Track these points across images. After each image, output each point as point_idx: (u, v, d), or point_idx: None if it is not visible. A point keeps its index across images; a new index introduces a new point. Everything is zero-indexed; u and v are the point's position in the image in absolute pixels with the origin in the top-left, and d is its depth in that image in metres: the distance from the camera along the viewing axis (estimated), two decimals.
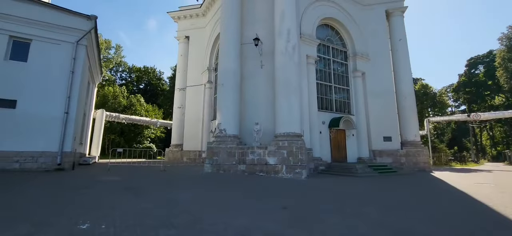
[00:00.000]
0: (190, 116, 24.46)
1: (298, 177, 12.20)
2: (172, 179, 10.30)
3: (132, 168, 14.47)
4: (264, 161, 12.97)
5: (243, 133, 14.91)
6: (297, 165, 12.43)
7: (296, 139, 12.94)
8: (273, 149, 12.94)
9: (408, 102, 20.63)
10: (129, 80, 56.58)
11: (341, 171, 15.26)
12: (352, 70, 20.39)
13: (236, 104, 14.62)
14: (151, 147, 30.25)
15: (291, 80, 13.68)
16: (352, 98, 20.18)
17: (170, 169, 14.66)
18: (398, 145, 20.12)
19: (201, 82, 24.72)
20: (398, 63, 21.29)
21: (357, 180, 12.33)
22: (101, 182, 9.13)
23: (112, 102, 29.59)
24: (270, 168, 12.81)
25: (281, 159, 12.71)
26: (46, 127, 11.89)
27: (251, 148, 13.37)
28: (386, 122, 20.12)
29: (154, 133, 33.74)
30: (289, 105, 13.41)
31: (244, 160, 13.28)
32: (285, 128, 13.26)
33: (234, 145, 13.55)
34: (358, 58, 20.26)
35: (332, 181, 11.62)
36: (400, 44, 21.45)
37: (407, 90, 20.84)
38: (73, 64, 12.81)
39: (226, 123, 14.11)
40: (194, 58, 25.98)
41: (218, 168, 13.42)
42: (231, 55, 15.07)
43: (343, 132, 19.11)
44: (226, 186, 9.08)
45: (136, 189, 7.70)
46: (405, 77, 21.06)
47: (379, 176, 14.32)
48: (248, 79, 15.79)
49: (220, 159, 13.49)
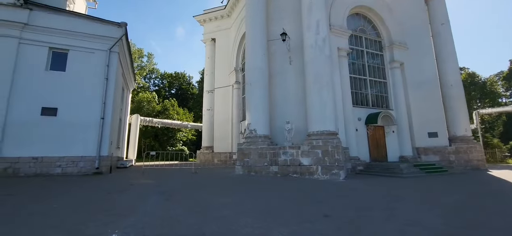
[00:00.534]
0: (219, 118, 24.46)
1: (336, 179, 11.29)
2: (203, 182, 10.05)
3: (164, 171, 14.63)
4: (298, 161, 12.25)
5: (274, 133, 14.33)
6: (334, 165, 11.52)
7: (331, 138, 12.04)
8: (307, 149, 12.17)
9: (455, 92, 18.50)
10: (161, 86, 59.19)
11: (382, 171, 13.98)
12: (389, 60, 18.77)
13: (265, 103, 14.08)
14: (183, 150, 31.00)
15: (323, 75, 12.80)
16: (390, 91, 18.57)
17: (201, 171, 14.57)
18: (446, 141, 18.08)
19: (228, 83, 24.63)
20: (441, 49, 19.23)
21: (403, 181, 11.09)
22: (135, 185, 9.13)
23: (147, 108, 30.86)
24: (304, 169, 12.05)
25: (315, 160, 11.89)
26: (84, 133, 12.39)
27: (283, 148, 12.73)
28: (430, 116, 18.21)
29: (186, 135, 34.61)
30: (321, 101, 12.54)
31: (276, 161, 12.68)
32: (318, 126, 12.42)
33: (265, 146, 13.02)
34: (395, 47, 18.60)
35: (374, 182, 10.55)
36: (442, 28, 19.37)
37: (453, 78, 18.73)
38: (107, 71, 13.24)
39: (256, 123, 13.63)
40: (221, 60, 26.00)
41: (249, 170, 12.98)
42: (258, 52, 14.59)
43: (381, 129, 17.63)
44: (259, 189, 8.55)
45: (168, 193, 7.49)
46: (450, 64, 18.95)
47: (427, 176, 12.83)
48: (276, 77, 15.18)
49: (251, 160, 13.04)
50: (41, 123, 11.94)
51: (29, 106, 11.92)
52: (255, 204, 6.20)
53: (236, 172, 13.18)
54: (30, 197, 6.92)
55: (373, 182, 10.42)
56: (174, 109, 33.23)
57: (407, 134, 17.79)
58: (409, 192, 7.96)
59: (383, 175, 13.19)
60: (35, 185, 8.75)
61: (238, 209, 5.61)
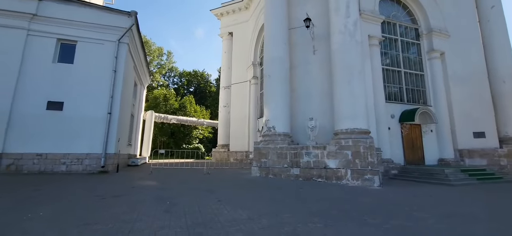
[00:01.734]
0: (235, 115, 23.25)
1: (369, 185, 9.56)
2: (215, 186, 8.75)
3: (175, 171, 13.55)
4: (323, 164, 10.63)
5: (295, 130, 12.78)
6: (367, 169, 9.79)
7: (363, 137, 10.29)
8: (334, 149, 10.51)
9: (508, 87, 15.87)
10: (180, 84, 59.43)
11: (421, 177, 11.97)
12: (427, 50, 16.50)
13: (286, 98, 12.56)
14: (199, 148, 30.16)
15: (354, 63, 11.05)
16: (428, 85, 16.30)
17: (214, 172, 13.34)
18: (495, 142, 15.56)
19: (246, 79, 23.33)
20: (490, 37, 16.62)
21: (453, 191, 9.14)
22: (136, 188, 8.02)
23: (164, 104, 30.35)
24: (330, 172, 10.41)
25: (344, 162, 10.22)
26: (90, 129, 11.58)
27: (305, 148, 11.16)
28: (476, 114, 15.77)
29: (202, 133, 33.76)
30: (352, 94, 10.81)
31: (297, 163, 11.14)
32: (347, 123, 10.71)
33: (285, 145, 11.52)
34: (435, 34, 16.29)
35: (419, 192, 8.71)
36: (492, 12, 16.74)
37: (505, 72, 16.07)
38: (115, 63, 12.36)
39: (275, 120, 12.15)
40: (238, 54, 24.75)
41: (267, 172, 11.54)
42: (278, 41, 13.07)
43: (418, 128, 15.48)
44: (280, 199, 7.10)
45: (170, 200, 6.25)
46: (502, 55, 16.30)
47: (480, 184, 10.70)
48: (298, 68, 13.59)
49: (269, 161, 11.59)
50: (46, 118, 11.25)
51: (34, 100, 11.27)
52: (276, 220, 4.76)
53: (252, 174, 11.79)
54: (16, 201, 5.96)
55: (417, 192, 8.59)
56: (192, 106, 32.44)
57: (448, 134, 15.49)
58: (468, 207, 6.15)
59: (424, 181, 11.22)
60: (29, 185, 7.89)
61: (253, 229, 4.21)
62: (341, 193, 8.06)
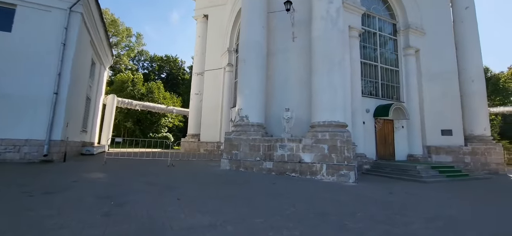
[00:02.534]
0: (208, 103, 21.99)
1: (344, 181, 9.09)
2: (176, 181, 7.68)
3: (134, 162, 12.14)
4: (298, 157, 9.98)
5: (270, 121, 12.00)
6: (343, 165, 9.30)
7: (341, 130, 9.78)
8: (310, 142, 9.89)
9: (476, 87, 16.43)
10: (151, 69, 56.25)
11: (394, 172, 11.87)
12: (403, 46, 16.52)
13: (261, 85, 11.68)
14: (168, 137, 28.35)
15: (335, 53, 10.43)
16: (402, 82, 16.39)
17: (180, 164, 12.17)
18: (461, 140, 16.12)
19: (220, 66, 22.06)
20: (463, 37, 17.03)
21: (426, 187, 8.99)
22: (79, 182, 6.70)
23: (131, 89, 27.92)
24: (305, 167, 9.80)
25: (320, 156, 9.65)
26: (32, 111, 9.80)
27: (280, 141, 10.43)
28: (445, 112, 16.17)
29: (172, 122, 31.82)
30: (331, 85, 10.21)
31: (270, 156, 10.39)
32: (325, 115, 10.13)
33: (258, 136, 10.69)
34: (411, 31, 16.32)
35: (393, 189, 8.38)
36: (466, 13, 17.14)
37: (475, 72, 16.62)
38: (65, 35, 10.54)
39: (249, 108, 11.24)
40: (214, 39, 23.32)
41: (238, 165, 10.66)
42: (256, 24, 12.08)
43: (391, 123, 15.52)
44: (251, 197, 6.27)
45: (117, 199, 5.13)
46: (473, 56, 16.81)
47: (451, 181, 10.78)
48: (276, 56, 12.75)
49: (241, 153, 10.70)
50: None
51: None
52: (245, 228, 3.89)
53: (221, 167, 10.84)
54: None
55: (393, 189, 8.24)
56: (160, 92, 30.26)
57: (418, 131, 15.73)
58: (457, 213, 5.80)
59: (397, 177, 11.07)
60: None
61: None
62: (317, 190, 7.43)
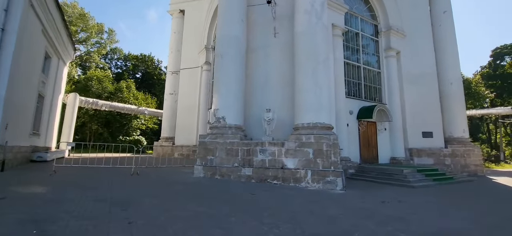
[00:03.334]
0: (183, 104, 20.49)
1: (331, 189, 8.24)
2: (136, 195, 6.37)
3: (92, 170, 10.48)
4: (280, 163, 9.01)
5: (249, 123, 10.95)
6: (329, 170, 8.46)
7: (327, 133, 8.96)
8: (293, 146, 8.97)
9: (454, 89, 16.54)
10: (125, 69, 53.40)
11: (380, 177, 11.27)
12: (385, 48, 16.23)
13: (240, 84, 10.60)
14: (140, 141, 26.29)
15: (320, 49, 9.63)
16: (384, 83, 16.08)
17: (147, 172, 10.73)
18: (441, 142, 16.10)
19: (197, 64, 20.67)
20: (441, 40, 17.13)
21: (416, 193, 8.39)
22: (5, 200, 5.21)
23: (97, 88, 25.52)
24: (288, 173, 8.85)
25: (304, 162, 8.75)
26: None
27: (260, 144, 9.40)
28: (425, 114, 16.07)
29: (145, 124, 29.67)
30: (316, 84, 9.37)
31: (250, 161, 9.32)
32: (309, 116, 9.26)
33: (236, 140, 9.59)
34: (392, 33, 16.07)
35: (384, 196, 7.65)
36: (444, 17, 17.28)
37: (453, 74, 16.75)
38: (4, 18, 8.80)
39: (226, 109, 10.11)
40: (190, 36, 21.86)
41: (214, 172, 9.47)
42: (234, 17, 11.01)
43: (374, 126, 15.10)
44: (224, 214, 5.16)
45: (46, 223, 3.80)
46: (451, 58, 16.94)
47: (438, 185, 10.35)
48: (256, 52, 11.75)
49: (217, 159, 9.53)
50: None
51: None
52: None
53: (194, 175, 9.58)
54: None
55: (384, 196, 7.51)
56: (131, 91, 28.05)
57: (400, 133, 15.45)
58: (462, 223, 5.10)
59: (384, 182, 10.47)
60: None
61: None
62: (303, 202, 6.48)
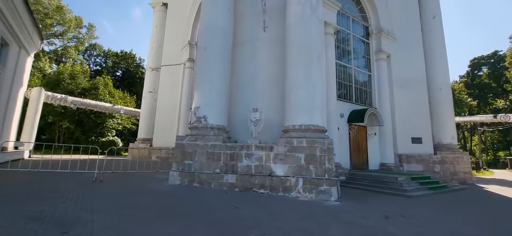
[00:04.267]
0: (163, 103, 19.09)
1: (325, 200, 7.32)
2: (90, 210, 5.11)
3: (48, 175, 8.97)
4: (268, 169, 7.99)
5: (234, 124, 9.88)
6: (323, 178, 7.53)
7: (321, 136, 8.06)
8: (283, 150, 7.98)
9: (443, 95, 16.30)
10: (104, 66, 50.88)
11: (373, 185, 10.51)
12: (375, 50, 15.75)
13: (225, 80, 9.52)
14: (115, 142, 24.26)
15: (314, 44, 8.74)
16: (374, 87, 15.56)
17: (114, 178, 9.34)
18: (431, 149, 15.75)
19: (180, 61, 19.36)
20: (431, 46, 16.91)
21: (416, 204, 7.66)
22: None
23: (68, 83, 23.32)
24: (276, 182, 7.84)
25: (295, 168, 7.78)
26: None
27: (245, 148, 8.34)
28: (415, 120, 15.68)
29: (122, 123, 27.60)
30: (309, 82, 8.46)
31: (234, 167, 8.23)
32: (301, 117, 8.32)
33: (218, 143, 8.47)
34: (383, 36, 15.63)
35: (384, 209, 6.83)
36: (433, 22, 17.11)
37: (442, 80, 16.53)
38: None
39: (208, 107, 8.97)
40: (173, 31, 20.53)
41: (192, 179, 8.28)
42: (221, 5, 9.94)
43: (364, 130, 14.48)
44: None
45: None
46: (440, 65, 16.73)
47: (434, 194, 9.72)
48: (243, 47, 10.73)
49: (196, 164, 8.36)
50: None
51: None
52: None
53: (169, 182, 8.34)
54: None
55: (385, 209, 6.67)
56: (107, 88, 25.97)
57: (390, 139, 14.94)
58: None
59: (379, 191, 9.70)
60: None
61: None
62: (296, 216, 5.49)
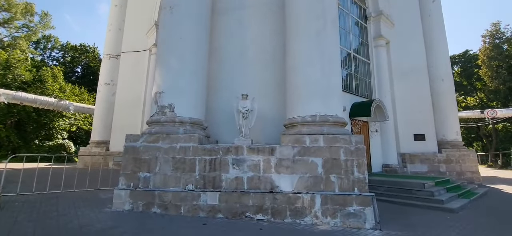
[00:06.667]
0: (124, 98, 15.63)
1: (357, 228, 4.81)
2: None
3: None
4: (268, 183, 5.30)
5: (214, 118, 7.08)
6: (352, 194, 5.02)
7: (343, 132, 5.56)
8: (289, 153, 5.34)
9: (446, 86, 14.71)
10: (62, 61, 45.45)
11: (395, 194, 8.20)
12: (374, 36, 13.76)
13: (201, 54, 6.67)
14: (66, 146, 19.95)
15: (326, 4, 6.24)
16: (373, 76, 13.58)
17: (27, 202, 6.10)
18: (434, 146, 14.06)
19: (145, 47, 16.04)
20: (430, 33, 15.28)
21: (467, 220, 5.44)
22: None
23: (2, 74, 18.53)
24: (282, 201, 5.18)
25: (309, 180, 5.18)
26: None
27: (233, 151, 5.57)
28: (417, 114, 13.91)
29: (76, 124, 23.09)
30: (323, 55, 5.92)
31: (216, 181, 5.43)
32: (314, 106, 5.73)
33: (192, 144, 5.60)
34: (383, 19, 13.70)
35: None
36: (433, 7, 15.55)
37: (443, 70, 14.94)
38: None
39: (176, 92, 6.07)
40: (137, 10, 17.13)
41: (150, 201, 5.34)
42: None
43: (366, 126, 12.40)
44: None
45: None
46: (441, 53, 15.17)
47: (469, 202, 7.67)
48: (226, 16, 7.97)
49: (156, 177, 5.42)
50: None
51: None
52: None
53: (113, 207, 5.31)
54: None
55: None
56: (57, 82, 21.49)
57: (392, 136, 12.99)
58: None
59: (404, 202, 7.45)
60: None
61: None
62: None
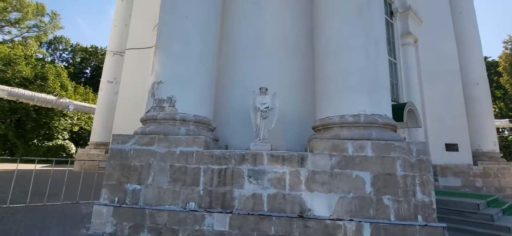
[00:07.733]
0: (126, 97, 14.64)
1: None
2: None
3: None
4: (297, 203, 3.96)
5: (223, 117, 5.82)
6: (414, 225, 3.65)
7: (396, 138, 4.23)
8: (326, 164, 4.01)
9: (481, 91, 13.12)
10: (71, 62, 46.06)
11: (444, 217, 6.80)
12: (401, 33, 12.36)
13: (210, 39, 5.44)
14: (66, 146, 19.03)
15: None
16: (400, 78, 12.14)
17: (15, 214, 4.92)
18: (469, 157, 12.43)
19: (151, 43, 15.05)
20: (463, 33, 13.77)
21: None
22: None
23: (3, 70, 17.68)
24: (316, 230, 3.81)
25: (353, 202, 3.83)
26: None
27: (250, 159, 4.25)
28: (448, 121, 12.35)
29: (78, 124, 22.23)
30: (368, 37, 4.59)
31: (226, 199, 4.12)
32: (357, 102, 4.39)
33: (196, 149, 4.33)
34: (411, 15, 12.35)
35: None
36: (465, 3, 14.11)
37: (478, 73, 13.37)
38: None
39: (178, 83, 4.83)
40: (144, 6, 16.36)
41: (139, 222, 4.06)
42: None
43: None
44: None
45: None
46: (474, 54, 13.65)
47: None
48: None
49: (148, 190, 4.15)
50: None
51: None
52: None
53: (92, 228, 4.04)
54: None
55: None
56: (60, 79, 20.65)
57: None
58: None
59: (459, 228, 6.02)
60: None
61: None
62: None
